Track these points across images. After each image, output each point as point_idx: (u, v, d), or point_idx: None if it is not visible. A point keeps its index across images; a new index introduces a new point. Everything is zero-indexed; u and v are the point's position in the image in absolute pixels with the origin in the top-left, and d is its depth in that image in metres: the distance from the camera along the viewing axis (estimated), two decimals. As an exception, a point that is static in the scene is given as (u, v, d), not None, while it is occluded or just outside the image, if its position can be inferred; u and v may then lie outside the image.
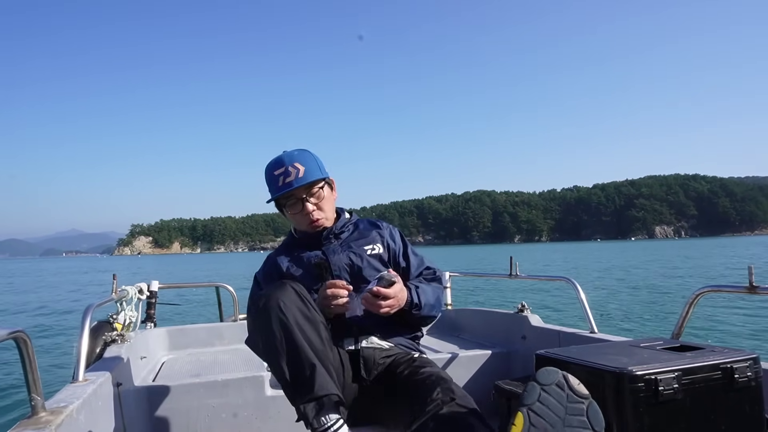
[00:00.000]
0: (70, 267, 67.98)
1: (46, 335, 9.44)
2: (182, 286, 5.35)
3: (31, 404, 1.28)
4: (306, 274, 1.71)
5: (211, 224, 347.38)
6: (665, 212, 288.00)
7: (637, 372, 1.07)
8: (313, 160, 1.75)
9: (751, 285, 1.77)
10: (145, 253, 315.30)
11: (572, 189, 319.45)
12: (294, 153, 1.73)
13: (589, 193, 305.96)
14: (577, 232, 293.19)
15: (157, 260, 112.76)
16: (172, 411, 2.05)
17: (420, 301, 1.67)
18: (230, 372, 2.35)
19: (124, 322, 2.86)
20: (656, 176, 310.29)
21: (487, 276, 3.98)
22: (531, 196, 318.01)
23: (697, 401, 1.11)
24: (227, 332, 3.10)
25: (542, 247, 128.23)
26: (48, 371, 6.44)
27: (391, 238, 1.84)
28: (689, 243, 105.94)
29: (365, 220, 1.90)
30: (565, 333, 2.44)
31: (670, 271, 22.60)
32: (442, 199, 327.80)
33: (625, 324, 9.82)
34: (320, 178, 1.72)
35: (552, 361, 1.25)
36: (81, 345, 1.77)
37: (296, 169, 1.68)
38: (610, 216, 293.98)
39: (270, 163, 1.75)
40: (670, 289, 15.36)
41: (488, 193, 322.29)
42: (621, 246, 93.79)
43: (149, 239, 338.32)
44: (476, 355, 2.59)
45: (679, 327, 1.97)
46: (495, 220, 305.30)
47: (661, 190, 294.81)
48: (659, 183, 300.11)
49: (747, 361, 1.16)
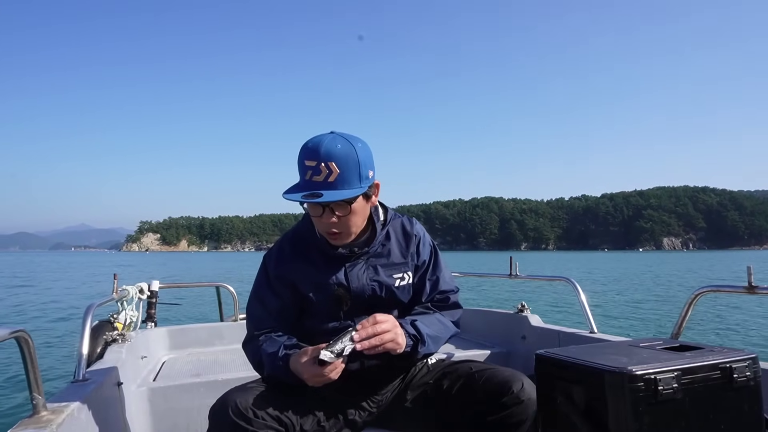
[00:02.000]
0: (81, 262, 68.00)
1: (47, 335, 9.45)
2: (183, 286, 5.35)
3: (33, 403, 1.28)
4: (324, 304, 1.49)
5: (219, 223, 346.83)
6: (674, 224, 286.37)
7: (637, 372, 1.07)
8: (355, 164, 1.36)
9: (750, 285, 1.77)
10: (153, 250, 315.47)
11: (580, 198, 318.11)
12: (337, 146, 1.34)
13: (598, 202, 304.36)
14: (584, 241, 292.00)
15: (164, 257, 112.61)
16: (172, 411, 2.05)
17: (422, 340, 1.43)
18: (231, 372, 2.35)
19: (124, 321, 2.87)
20: (665, 187, 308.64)
21: (487, 276, 3.98)
22: (539, 204, 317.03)
23: (697, 401, 1.11)
24: (228, 332, 3.10)
25: (549, 255, 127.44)
26: (49, 371, 6.44)
27: (420, 255, 1.60)
28: (697, 255, 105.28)
29: (399, 224, 1.62)
30: (565, 333, 2.44)
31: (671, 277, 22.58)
32: (449, 204, 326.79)
33: (624, 324, 9.82)
34: (353, 192, 1.36)
35: (552, 360, 1.25)
36: (82, 344, 1.78)
37: (328, 171, 1.33)
38: (618, 226, 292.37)
39: (308, 146, 1.37)
40: (670, 290, 15.35)
41: (496, 199, 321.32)
42: (628, 257, 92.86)
43: (157, 236, 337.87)
44: (476, 355, 2.59)
45: (678, 327, 1.97)
46: (502, 226, 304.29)
47: (669, 202, 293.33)
48: (668, 194, 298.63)
49: (746, 361, 1.16)
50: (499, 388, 1.38)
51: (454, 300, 1.63)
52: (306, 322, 1.52)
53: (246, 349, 1.54)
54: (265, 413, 1.30)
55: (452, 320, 1.60)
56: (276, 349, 1.42)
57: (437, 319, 1.54)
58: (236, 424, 1.26)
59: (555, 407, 1.22)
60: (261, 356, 1.46)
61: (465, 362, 1.56)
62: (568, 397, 1.18)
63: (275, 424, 1.30)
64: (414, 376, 1.58)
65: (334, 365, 1.28)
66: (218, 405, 1.32)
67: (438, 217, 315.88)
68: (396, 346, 1.35)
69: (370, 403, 1.53)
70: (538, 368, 1.29)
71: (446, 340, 1.56)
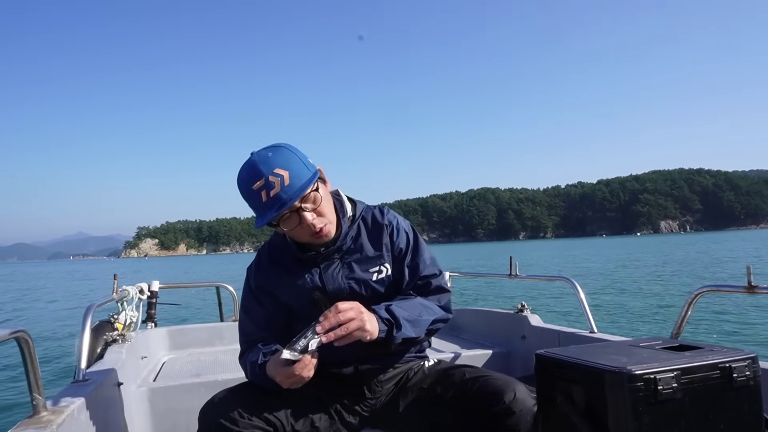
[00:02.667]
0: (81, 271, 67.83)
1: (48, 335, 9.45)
2: (183, 286, 5.35)
3: (33, 404, 1.28)
4: (306, 308, 1.48)
5: (217, 225, 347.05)
6: (670, 207, 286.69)
7: (636, 371, 1.07)
8: (295, 157, 1.37)
9: (750, 285, 1.77)
10: (152, 255, 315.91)
11: (576, 185, 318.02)
12: (269, 156, 1.34)
13: (594, 188, 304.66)
14: (582, 228, 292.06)
15: (163, 262, 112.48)
16: (172, 411, 2.06)
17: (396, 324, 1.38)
18: (231, 372, 2.35)
19: (124, 322, 2.87)
20: (661, 171, 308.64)
21: (487, 276, 3.99)
22: (535, 193, 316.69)
23: (696, 401, 1.11)
24: (227, 332, 3.11)
25: (548, 244, 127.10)
26: (49, 371, 6.44)
27: (396, 244, 1.54)
28: (694, 237, 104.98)
29: (370, 216, 1.57)
30: (565, 333, 2.44)
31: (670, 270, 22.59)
32: (446, 197, 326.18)
33: (624, 324, 9.82)
34: (311, 179, 1.36)
35: (552, 360, 1.25)
36: (82, 345, 1.78)
37: (279, 177, 1.31)
38: (615, 211, 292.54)
39: (242, 176, 1.35)
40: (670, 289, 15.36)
41: (492, 190, 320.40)
42: (626, 241, 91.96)
43: (155, 241, 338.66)
44: (476, 355, 2.60)
45: (678, 326, 1.97)
46: (499, 217, 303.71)
47: (665, 185, 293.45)
48: (664, 178, 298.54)
49: (746, 361, 1.16)
50: (492, 397, 1.33)
51: (436, 284, 1.56)
52: (296, 326, 1.51)
53: (241, 364, 1.54)
54: (252, 414, 1.29)
55: (439, 304, 1.53)
56: (256, 358, 1.42)
57: (419, 303, 1.48)
58: (221, 425, 1.26)
59: (555, 407, 1.22)
60: (247, 367, 1.47)
61: (460, 367, 1.53)
62: (568, 397, 1.18)
63: (262, 424, 1.30)
64: (409, 380, 1.56)
65: (303, 362, 1.24)
66: (206, 406, 1.33)
67: (435, 210, 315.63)
68: (365, 333, 1.29)
69: (363, 406, 1.52)
70: (538, 368, 1.28)
71: (431, 323, 1.48)
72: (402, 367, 1.57)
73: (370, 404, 1.53)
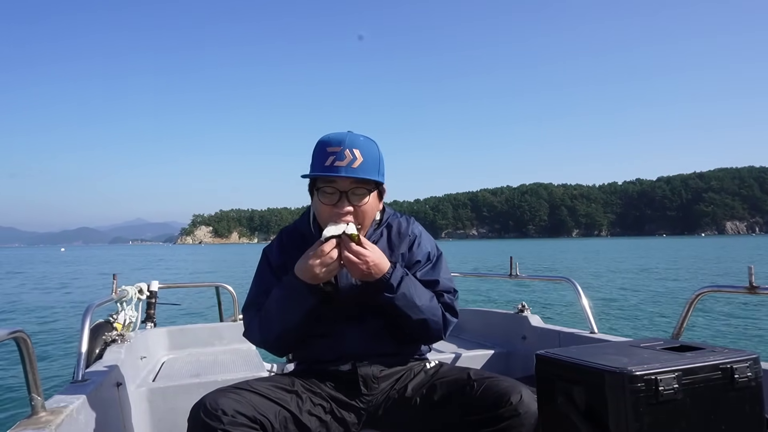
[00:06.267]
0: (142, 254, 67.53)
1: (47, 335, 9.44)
2: (182, 286, 5.35)
3: (31, 404, 1.28)
4: None
5: (268, 215, 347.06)
6: (737, 207, 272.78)
7: (637, 372, 1.06)
8: (376, 157, 1.46)
9: (751, 285, 1.77)
10: (206, 242, 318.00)
11: (635, 182, 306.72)
12: (360, 139, 1.44)
13: (653, 186, 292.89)
14: (639, 227, 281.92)
15: (219, 250, 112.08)
16: (172, 411, 2.05)
17: (397, 286, 1.43)
18: (230, 372, 2.35)
19: (124, 322, 2.86)
20: (728, 169, 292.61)
21: (487, 276, 3.99)
22: (590, 189, 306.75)
23: (697, 401, 1.10)
24: (227, 332, 3.10)
25: (601, 242, 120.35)
26: (48, 371, 6.44)
27: (414, 255, 1.59)
28: (764, 240, 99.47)
29: (396, 224, 1.62)
30: (565, 333, 2.44)
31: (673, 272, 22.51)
32: (497, 191, 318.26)
33: (625, 324, 9.81)
34: (373, 182, 1.45)
35: (552, 361, 1.24)
36: (81, 345, 1.78)
37: (353, 157, 1.39)
38: (675, 210, 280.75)
39: (326, 137, 1.45)
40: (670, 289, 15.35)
41: (545, 185, 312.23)
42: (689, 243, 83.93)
43: (209, 229, 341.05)
44: (476, 355, 2.59)
45: (679, 327, 1.97)
46: (552, 213, 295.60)
47: (733, 184, 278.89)
48: (731, 176, 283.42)
49: (747, 361, 1.15)
50: (497, 398, 1.34)
51: (446, 300, 1.59)
52: None
53: (249, 335, 1.56)
54: (239, 413, 1.29)
55: (445, 312, 1.57)
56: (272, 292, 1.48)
57: (430, 297, 1.52)
58: (207, 424, 1.26)
59: (555, 408, 1.22)
60: (262, 316, 1.49)
61: (463, 368, 1.54)
62: (569, 398, 1.18)
63: (249, 423, 1.29)
64: (409, 378, 1.56)
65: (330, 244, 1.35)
66: (195, 406, 1.33)
67: (485, 204, 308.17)
68: (366, 275, 1.40)
69: (359, 403, 1.51)
70: (538, 368, 1.28)
71: (425, 316, 1.50)
72: (401, 368, 1.57)
73: (366, 401, 1.52)
